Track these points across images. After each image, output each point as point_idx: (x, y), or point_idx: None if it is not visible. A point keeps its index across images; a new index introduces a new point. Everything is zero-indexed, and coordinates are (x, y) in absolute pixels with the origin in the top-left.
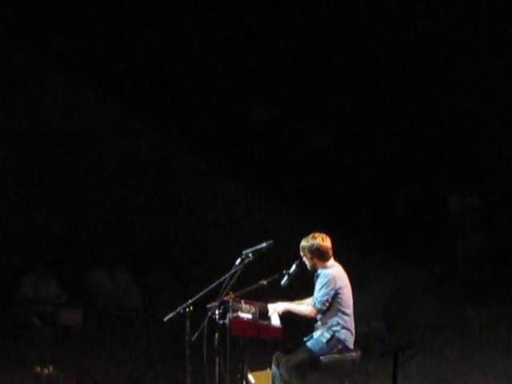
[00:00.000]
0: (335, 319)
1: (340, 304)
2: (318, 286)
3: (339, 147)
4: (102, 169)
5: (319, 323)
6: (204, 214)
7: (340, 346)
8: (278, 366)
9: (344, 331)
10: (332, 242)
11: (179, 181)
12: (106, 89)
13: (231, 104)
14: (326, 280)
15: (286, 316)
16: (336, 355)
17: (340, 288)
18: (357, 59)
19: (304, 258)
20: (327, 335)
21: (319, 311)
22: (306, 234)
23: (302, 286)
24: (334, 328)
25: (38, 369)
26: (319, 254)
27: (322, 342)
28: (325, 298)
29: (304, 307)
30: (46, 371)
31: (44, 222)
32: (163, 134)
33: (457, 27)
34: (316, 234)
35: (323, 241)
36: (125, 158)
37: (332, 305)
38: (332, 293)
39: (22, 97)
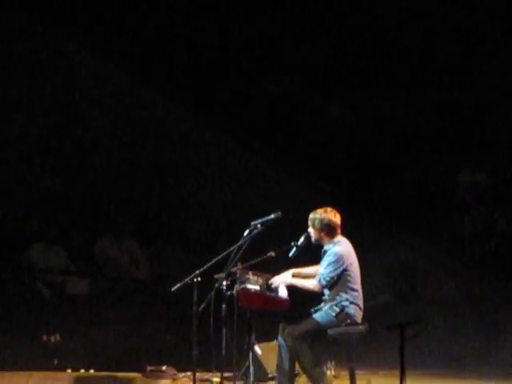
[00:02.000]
0: (344, 295)
1: (348, 281)
2: (324, 263)
3: (351, 121)
4: (109, 139)
5: (327, 297)
6: (212, 185)
7: (348, 321)
8: (284, 337)
9: (353, 306)
10: (341, 218)
11: (189, 151)
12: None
13: (244, 76)
14: (334, 259)
15: (293, 288)
16: (343, 328)
17: (348, 265)
18: (372, 31)
19: (311, 229)
20: (336, 309)
21: (323, 287)
22: (315, 207)
23: (310, 258)
24: (344, 303)
25: (45, 337)
26: (328, 229)
27: (331, 315)
28: (330, 276)
29: (309, 282)
30: (52, 339)
31: (52, 192)
32: (174, 102)
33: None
34: (329, 209)
35: (334, 216)
36: (133, 127)
37: (340, 282)
38: (339, 271)
39: (26, 60)
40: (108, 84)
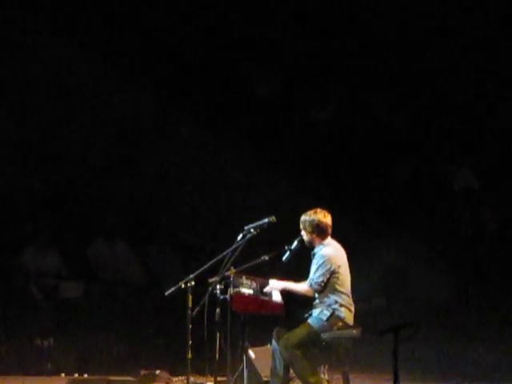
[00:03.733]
0: (333, 298)
1: (336, 284)
2: (313, 267)
3: (342, 119)
4: (101, 138)
5: (317, 301)
6: (205, 187)
7: (340, 324)
8: (278, 342)
9: (343, 309)
10: (332, 219)
11: (180, 152)
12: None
13: (233, 74)
14: (322, 261)
15: (286, 292)
16: (336, 332)
17: (336, 268)
18: (363, 28)
19: (303, 232)
20: (327, 313)
21: (315, 291)
22: (307, 209)
23: (303, 262)
24: (333, 306)
25: (39, 341)
26: (319, 230)
27: (321, 319)
28: (320, 280)
29: (301, 286)
30: (46, 343)
31: (45, 195)
32: (165, 100)
33: None
34: (318, 210)
35: (324, 217)
36: (124, 126)
37: (329, 284)
38: (328, 274)
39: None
40: (99, 82)
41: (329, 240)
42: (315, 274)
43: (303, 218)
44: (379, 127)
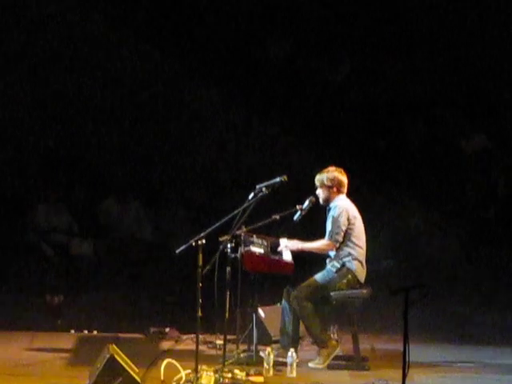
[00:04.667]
0: (346, 250)
1: (352, 235)
2: (330, 219)
3: (355, 82)
4: (113, 98)
5: (332, 256)
6: (216, 147)
7: (350, 276)
8: (288, 301)
9: (355, 262)
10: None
11: (191, 112)
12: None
13: (246, 37)
14: (338, 212)
15: (297, 252)
16: (347, 292)
17: (353, 219)
18: None
19: (319, 190)
20: (337, 264)
21: (336, 243)
22: (319, 170)
23: (314, 222)
24: (345, 259)
25: (49, 298)
26: (337, 184)
27: (331, 271)
28: (339, 230)
29: (319, 243)
30: (56, 300)
31: (56, 153)
32: (177, 64)
33: None
34: (334, 167)
35: (341, 173)
36: (138, 86)
37: (344, 236)
38: (346, 223)
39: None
40: (109, 46)
41: (344, 196)
42: (333, 225)
43: (319, 175)
44: (394, 90)
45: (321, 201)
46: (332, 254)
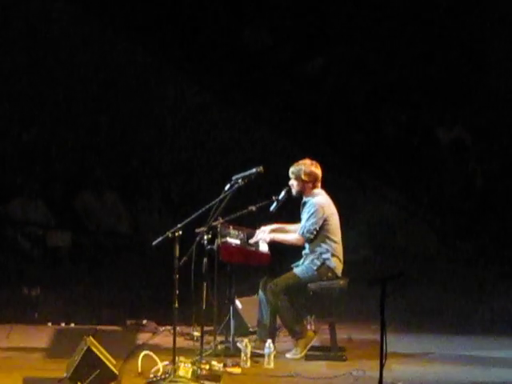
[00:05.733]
0: (324, 246)
1: (328, 231)
2: (305, 215)
3: (330, 71)
4: (89, 91)
5: (307, 250)
6: (193, 138)
7: (330, 274)
8: (264, 292)
9: (334, 259)
10: (322, 170)
11: (171, 104)
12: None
13: (225, 26)
14: (313, 209)
15: (273, 242)
16: (324, 283)
17: (328, 216)
18: None
19: (293, 182)
20: (317, 262)
21: (307, 240)
22: (295, 160)
23: (290, 212)
24: (324, 256)
25: (26, 290)
26: (313, 179)
27: (312, 269)
28: (313, 228)
29: (291, 236)
30: (33, 293)
31: (32, 145)
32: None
33: None
34: (309, 160)
35: (316, 167)
36: (113, 79)
37: (320, 232)
38: (320, 222)
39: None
40: (90, 34)
41: (319, 190)
42: (307, 221)
43: (294, 168)
44: (370, 80)
45: (294, 192)
46: (308, 248)
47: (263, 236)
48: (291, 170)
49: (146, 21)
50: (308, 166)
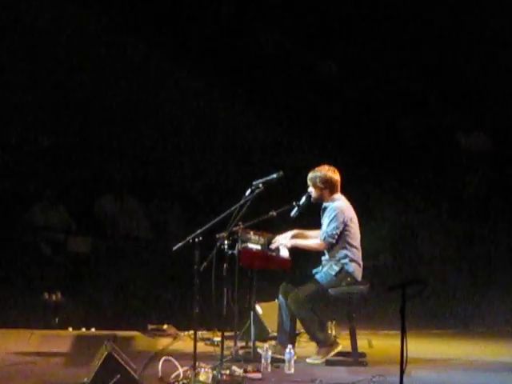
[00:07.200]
0: (343, 252)
1: (348, 236)
2: (326, 220)
3: (348, 75)
4: (109, 95)
5: (327, 256)
6: (214, 142)
7: (349, 279)
8: (284, 297)
9: (353, 264)
10: (341, 176)
11: (186, 108)
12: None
13: (239, 28)
14: (334, 214)
15: (294, 248)
16: (344, 288)
17: (348, 220)
18: None
19: (311, 189)
20: (336, 268)
21: (328, 245)
22: (315, 166)
23: (312, 218)
24: (343, 261)
25: (47, 295)
26: (330, 185)
27: (331, 274)
28: (334, 232)
29: (312, 241)
30: (54, 298)
31: (52, 150)
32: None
33: None
34: (327, 166)
35: (334, 173)
36: (132, 84)
37: (340, 238)
38: (341, 226)
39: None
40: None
41: (339, 195)
42: (328, 227)
43: (312, 174)
44: (389, 84)
45: (313, 199)
46: (327, 253)
47: (284, 242)
48: (308, 176)
49: (157, 24)
50: (324, 173)
